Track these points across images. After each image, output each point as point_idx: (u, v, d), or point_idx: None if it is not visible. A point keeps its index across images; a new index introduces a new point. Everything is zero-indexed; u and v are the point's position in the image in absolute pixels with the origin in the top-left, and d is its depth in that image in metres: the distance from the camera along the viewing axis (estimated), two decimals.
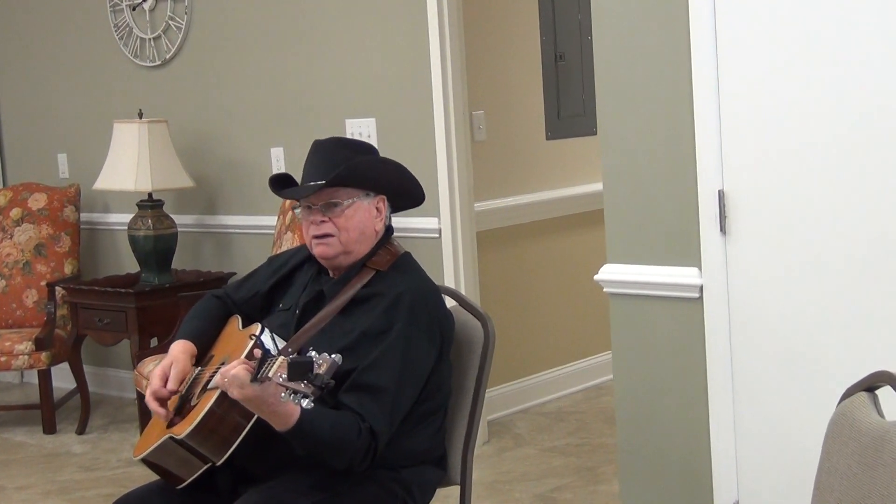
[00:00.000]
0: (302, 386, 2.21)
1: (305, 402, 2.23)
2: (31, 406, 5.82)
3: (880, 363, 2.36)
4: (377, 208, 2.77)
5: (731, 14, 3.11)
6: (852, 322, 3.00)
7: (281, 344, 2.62)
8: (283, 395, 2.24)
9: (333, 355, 2.25)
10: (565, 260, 5.72)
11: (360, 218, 2.73)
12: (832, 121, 2.98)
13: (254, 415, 2.48)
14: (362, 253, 2.76)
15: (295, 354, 2.28)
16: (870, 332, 2.97)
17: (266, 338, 2.59)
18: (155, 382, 2.71)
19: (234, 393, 2.37)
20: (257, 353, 2.37)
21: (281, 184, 2.86)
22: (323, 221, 2.72)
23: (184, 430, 2.54)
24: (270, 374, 2.25)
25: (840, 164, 2.98)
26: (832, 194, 3.00)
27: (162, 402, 2.69)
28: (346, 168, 2.69)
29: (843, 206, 2.99)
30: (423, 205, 2.92)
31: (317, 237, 2.73)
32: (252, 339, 2.59)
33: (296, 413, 2.41)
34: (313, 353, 2.24)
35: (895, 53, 2.87)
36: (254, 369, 2.32)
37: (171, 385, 2.71)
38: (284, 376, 2.22)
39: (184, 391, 2.72)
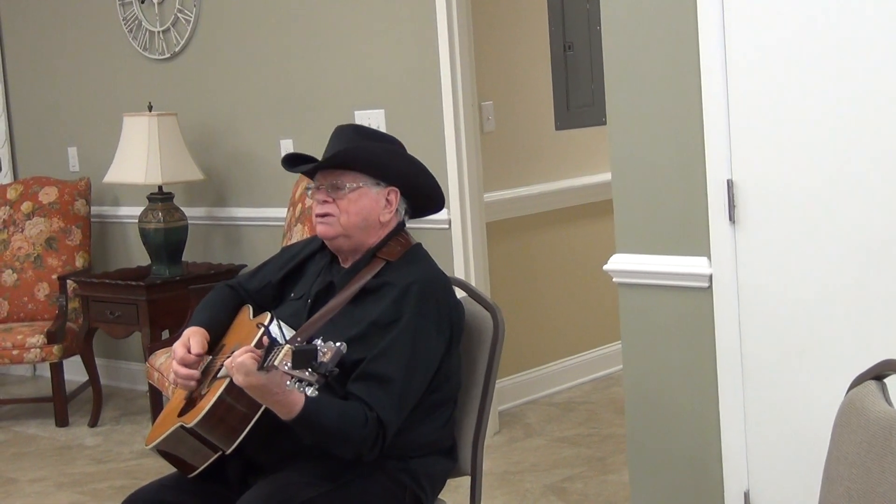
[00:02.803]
0: (306, 374, 2.22)
1: (310, 391, 2.24)
2: (44, 399, 5.84)
3: (889, 352, 2.36)
4: (387, 199, 2.78)
5: (740, 4, 3.10)
6: (861, 311, 3.00)
7: (289, 333, 2.63)
8: (287, 383, 2.25)
9: (338, 343, 2.26)
10: (575, 250, 5.72)
11: (363, 204, 2.74)
12: (841, 109, 2.98)
13: (262, 404, 2.49)
14: (365, 241, 2.76)
15: (302, 343, 2.29)
16: (879, 321, 2.97)
17: (274, 327, 2.60)
18: (180, 351, 2.72)
19: (240, 380, 2.39)
20: (264, 341, 2.39)
21: (294, 161, 2.88)
22: (326, 201, 2.75)
23: (194, 418, 2.55)
24: (276, 363, 2.26)
25: (849, 152, 2.98)
26: (841, 183, 3.00)
27: (190, 367, 2.71)
28: (345, 150, 2.71)
29: (852, 194, 2.99)
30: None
31: (319, 216, 2.75)
32: (260, 327, 2.61)
33: (300, 402, 2.42)
34: (318, 342, 2.25)
35: None
36: (260, 358, 2.34)
37: (195, 349, 2.73)
38: (289, 364, 2.23)
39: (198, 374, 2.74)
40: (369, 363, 2.57)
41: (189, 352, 2.73)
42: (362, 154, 2.74)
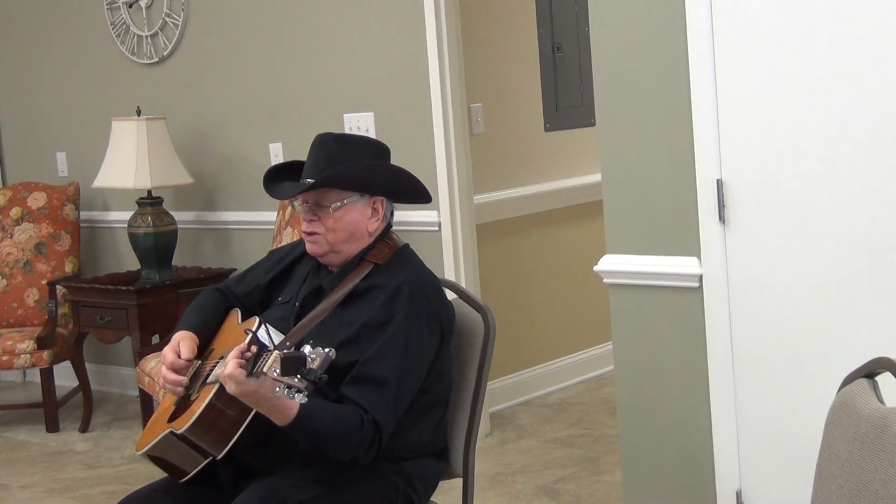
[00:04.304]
0: (295, 381, 2.22)
1: (299, 397, 2.24)
2: (34, 405, 5.82)
3: (880, 349, 2.36)
4: (373, 208, 2.76)
5: (728, 2, 3.11)
6: (852, 309, 3.00)
7: (278, 337, 2.62)
8: (277, 390, 2.25)
9: (326, 349, 2.25)
10: (565, 251, 5.72)
11: (350, 219, 2.73)
12: (830, 108, 2.98)
13: (252, 409, 2.48)
14: (353, 251, 2.75)
15: (291, 349, 2.28)
16: (869, 319, 2.98)
17: (262, 331, 2.59)
18: (170, 356, 2.72)
19: (232, 388, 2.38)
20: (253, 348, 2.38)
21: (276, 176, 2.87)
22: (312, 220, 2.73)
23: (184, 424, 2.55)
24: (265, 370, 2.25)
25: (838, 151, 2.99)
26: (830, 182, 3.01)
27: (180, 371, 2.70)
28: (330, 173, 2.69)
29: (841, 193, 2.99)
30: None
31: (306, 233, 2.75)
32: (247, 333, 2.60)
33: (294, 407, 2.41)
34: (307, 348, 2.24)
35: (892, 42, 2.87)
36: (249, 364, 2.33)
37: (185, 354, 2.72)
38: (278, 371, 2.22)
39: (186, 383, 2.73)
40: (362, 366, 2.57)
41: (179, 357, 2.73)
42: (343, 176, 2.71)
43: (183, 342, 2.76)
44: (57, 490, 4.81)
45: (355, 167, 2.74)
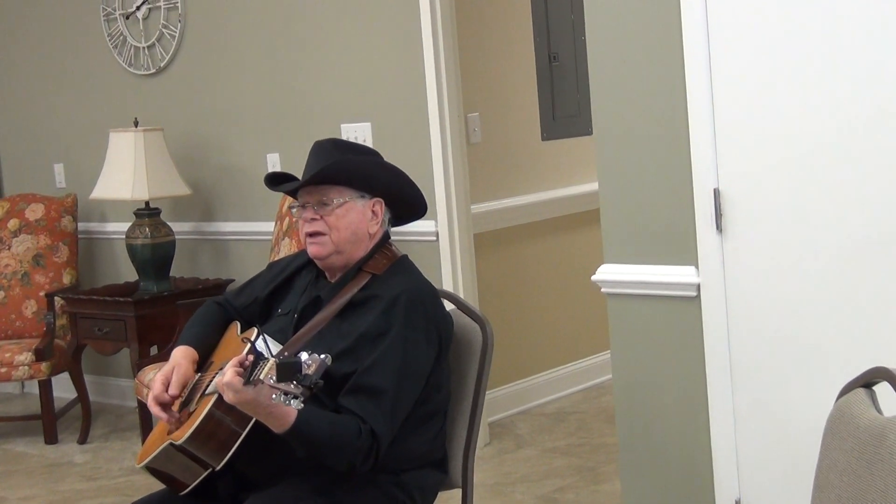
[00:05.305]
0: (291, 387, 2.22)
1: (295, 403, 2.24)
2: (32, 416, 5.81)
3: (878, 359, 2.36)
4: (373, 211, 2.78)
5: (724, 12, 3.12)
6: (850, 318, 3.00)
7: (276, 348, 2.63)
8: (273, 396, 2.25)
9: (322, 355, 2.26)
10: (563, 260, 5.72)
11: (351, 218, 2.74)
12: (826, 117, 2.99)
13: (251, 419, 2.48)
14: (355, 255, 2.76)
15: (287, 357, 2.29)
16: (867, 328, 2.98)
17: (260, 342, 2.60)
18: (157, 387, 2.72)
19: (230, 397, 2.38)
20: (250, 357, 2.39)
21: (276, 181, 2.88)
22: (314, 219, 2.74)
23: (182, 435, 2.55)
24: (262, 377, 2.26)
25: (835, 159, 2.99)
26: (827, 190, 3.01)
27: (164, 406, 2.70)
28: (332, 165, 2.71)
29: (838, 201, 2.99)
30: None
31: (309, 235, 2.75)
32: (245, 342, 2.60)
33: (292, 415, 2.41)
34: (304, 355, 2.25)
35: (888, 49, 2.88)
36: (245, 372, 2.34)
37: (172, 390, 2.72)
38: (274, 378, 2.23)
39: (185, 397, 2.73)
40: (360, 376, 2.57)
41: (167, 389, 2.72)
42: (348, 167, 2.74)
43: (177, 370, 2.75)
44: (56, 502, 4.81)
45: (358, 160, 2.76)
